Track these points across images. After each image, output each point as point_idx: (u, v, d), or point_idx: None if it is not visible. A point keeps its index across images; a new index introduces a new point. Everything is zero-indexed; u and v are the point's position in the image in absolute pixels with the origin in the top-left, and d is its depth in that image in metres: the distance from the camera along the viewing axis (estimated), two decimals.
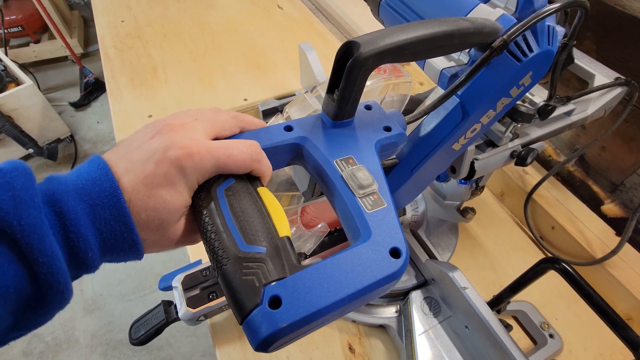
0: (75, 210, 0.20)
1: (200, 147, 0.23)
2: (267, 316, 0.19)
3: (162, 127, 0.23)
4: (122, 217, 0.21)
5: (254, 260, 0.21)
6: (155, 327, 0.50)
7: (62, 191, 0.20)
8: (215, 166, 0.23)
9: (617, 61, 0.54)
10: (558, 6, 0.29)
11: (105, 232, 0.21)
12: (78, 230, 0.20)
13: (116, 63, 0.85)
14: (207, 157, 0.23)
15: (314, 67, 0.63)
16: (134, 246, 0.22)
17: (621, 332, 0.32)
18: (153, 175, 0.22)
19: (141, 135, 0.24)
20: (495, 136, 0.43)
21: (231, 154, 0.24)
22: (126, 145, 0.24)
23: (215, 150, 0.23)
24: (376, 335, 0.51)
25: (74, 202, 0.20)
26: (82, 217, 0.20)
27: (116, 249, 0.22)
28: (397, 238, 0.22)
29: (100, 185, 0.21)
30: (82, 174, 0.21)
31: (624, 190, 0.61)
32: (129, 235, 0.21)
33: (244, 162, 0.24)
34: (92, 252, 0.20)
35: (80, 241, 0.20)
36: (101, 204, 0.21)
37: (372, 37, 0.25)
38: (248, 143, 0.25)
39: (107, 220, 0.21)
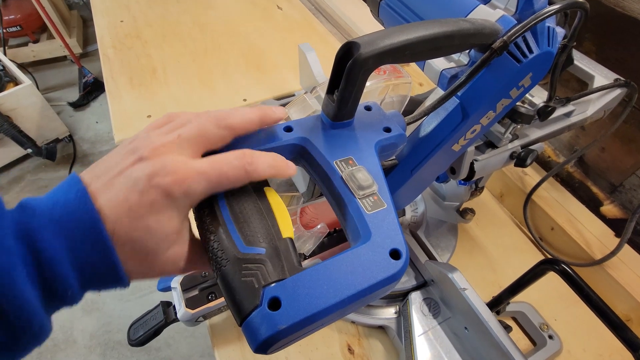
0: (52, 247, 0.18)
1: (187, 171, 0.21)
2: (267, 318, 0.19)
3: (144, 152, 0.21)
4: (105, 251, 0.19)
5: (253, 262, 0.21)
6: (154, 328, 0.49)
7: (37, 225, 0.18)
8: (208, 188, 0.22)
9: (617, 62, 0.54)
10: (558, 7, 0.29)
11: (87, 268, 0.19)
12: (55, 270, 0.18)
13: (115, 63, 0.85)
14: (196, 180, 0.21)
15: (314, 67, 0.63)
16: (119, 280, 0.20)
17: (620, 333, 0.32)
18: (138, 205, 0.20)
19: (121, 159, 0.22)
20: (495, 137, 0.43)
21: (221, 172, 0.22)
22: (106, 169, 0.21)
23: (203, 171, 0.21)
24: (375, 336, 0.51)
25: (50, 238, 0.18)
26: (59, 254, 0.18)
27: (99, 283, 0.20)
28: (397, 239, 0.22)
29: (80, 218, 0.19)
30: (59, 202, 0.20)
31: (623, 191, 0.61)
32: (112, 271, 0.20)
33: (238, 177, 0.22)
34: (72, 289, 0.19)
35: (58, 281, 0.18)
36: (81, 239, 0.19)
37: (372, 38, 0.25)
38: (238, 154, 0.23)
39: (88, 256, 0.19)
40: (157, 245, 0.21)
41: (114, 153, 0.22)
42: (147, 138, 0.22)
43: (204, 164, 0.22)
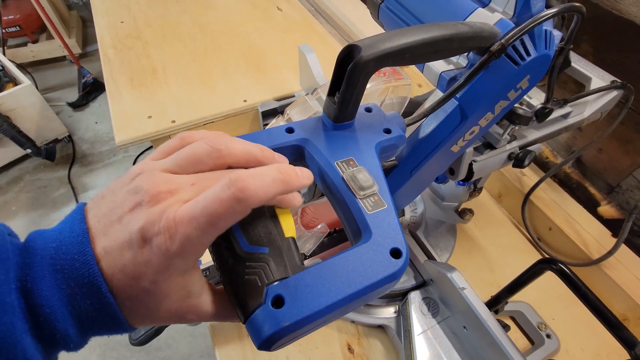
0: (50, 302, 0.18)
1: (178, 225, 0.18)
2: (270, 315, 0.19)
3: (143, 197, 0.19)
4: (104, 306, 0.19)
5: (257, 260, 0.21)
6: (154, 328, 0.50)
7: (37, 275, 0.18)
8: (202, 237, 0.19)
9: (614, 64, 0.55)
10: (555, 11, 0.29)
11: (86, 319, 0.19)
12: (53, 325, 0.18)
13: (115, 64, 0.85)
14: (187, 232, 0.18)
15: (314, 68, 0.63)
16: (122, 329, 0.20)
17: (617, 332, 0.32)
18: (133, 264, 0.19)
19: (123, 199, 0.20)
20: (493, 138, 0.44)
21: (210, 213, 0.18)
22: (108, 209, 0.20)
23: (193, 219, 0.18)
24: (375, 335, 0.52)
25: (48, 292, 0.18)
26: (58, 309, 0.18)
27: (102, 331, 0.20)
28: (397, 239, 0.23)
29: (79, 270, 0.18)
30: (63, 243, 0.19)
31: (620, 192, 0.61)
32: (114, 322, 0.19)
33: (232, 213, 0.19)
34: (72, 340, 0.19)
35: (57, 334, 0.18)
36: (80, 292, 0.18)
37: (373, 41, 0.25)
38: (224, 183, 0.19)
39: (87, 308, 0.18)
40: (157, 304, 0.20)
41: (119, 186, 0.21)
42: (151, 177, 0.20)
43: (190, 208, 0.19)
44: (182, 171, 0.21)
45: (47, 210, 1.64)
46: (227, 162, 0.22)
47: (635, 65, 0.52)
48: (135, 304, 0.19)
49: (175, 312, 0.21)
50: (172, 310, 0.20)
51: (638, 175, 0.58)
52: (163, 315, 0.20)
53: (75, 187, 1.73)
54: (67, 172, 1.78)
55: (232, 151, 0.22)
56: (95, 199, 0.21)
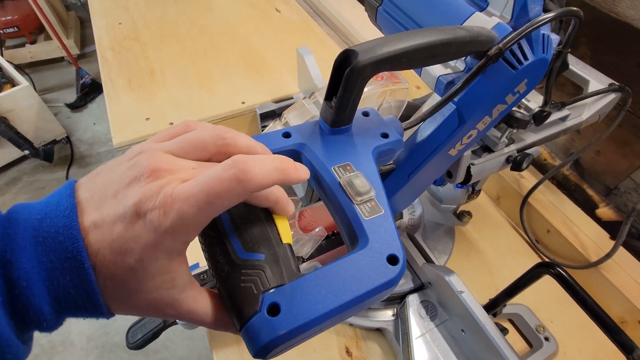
0: (28, 276, 0.17)
1: (174, 200, 0.18)
2: (266, 323, 0.19)
3: (143, 171, 0.19)
4: (84, 285, 0.18)
5: (253, 268, 0.21)
6: (152, 331, 0.50)
7: (18, 247, 0.17)
8: (200, 216, 0.18)
9: (611, 67, 0.55)
10: (552, 15, 0.29)
11: (64, 298, 0.18)
12: (29, 301, 0.17)
13: (114, 65, 0.85)
14: (183, 208, 0.18)
15: (312, 70, 0.63)
16: (99, 313, 0.19)
17: (614, 335, 0.32)
18: (122, 238, 0.18)
19: (120, 175, 0.20)
20: (491, 142, 0.44)
21: (210, 191, 0.18)
22: (103, 184, 0.20)
23: (192, 195, 0.18)
24: (373, 338, 0.52)
25: (27, 265, 0.17)
26: (35, 284, 0.17)
27: (77, 313, 0.19)
28: (394, 245, 0.23)
29: (62, 243, 0.18)
30: (48, 215, 0.18)
31: (618, 194, 0.61)
32: (92, 304, 0.18)
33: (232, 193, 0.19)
34: (47, 320, 0.18)
35: (31, 312, 0.17)
36: (61, 267, 0.17)
37: (370, 46, 0.25)
38: (227, 163, 0.19)
39: (66, 286, 0.18)
40: (138, 286, 0.19)
41: (117, 164, 0.21)
42: (152, 156, 0.20)
43: (190, 185, 0.18)
44: (184, 155, 0.21)
45: None
46: (230, 151, 0.22)
47: (632, 68, 0.52)
48: (116, 284, 0.19)
49: (154, 301, 0.20)
50: (151, 298, 0.20)
51: (636, 178, 0.58)
52: (142, 301, 0.20)
53: None
54: (65, 173, 1.77)
55: (236, 142, 0.22)
56: (89, 176, 0.21)
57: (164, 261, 0.19)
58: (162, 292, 0.20)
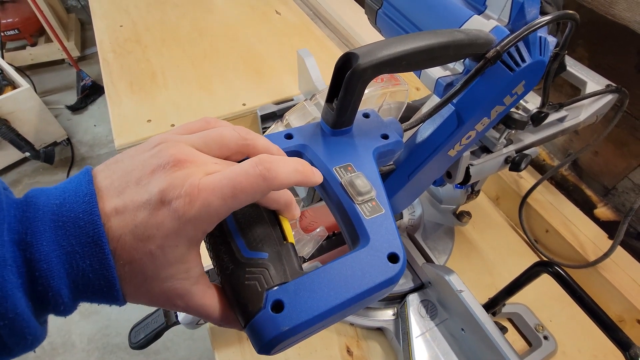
0: (49, 258, 0.17)
1: (201, 190, 0.19)
2: (270, 320, 0.20)
3: (168, 160, 0.19)
4: (103, 269, 0.18)
5: (257, 266, 0.21)
6: (154, 331, 0.50)
7: (38, 230, 0.17)
8: (223, 206, 0.19)
9: (609, 68, 0.55)
10: (549, 19, 0.30)
11: (82, 282, 0.18)
12: (49, 283, 0.17)
13: (115, 68, 0.86)
14: (209, 199, 0.19)
15: (312, 72, 0.64)
16: (114, 299, 0.19)
17: (612, 333, 0.33)
18: (145, 225, 0.18)
19: (143, 163, 0.20)
20: (489, 142, 0.44)
21: (236, 184, 0.19)
22: (125, 172, 0.20)
23: (215, 186, 0.19)
24: (374, 338, 0.52)
25: (47, 248, 0.17)
26: (55, 267, 0.17)
27: (93, 297, 0.19)
28: (394, 243, 0.23)
29: (83, 228, 0.18)
30: (67, 201, 0.18)
31: (616, 194, 0.62)
32: (109, 289, 0.19)
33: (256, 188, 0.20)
34: (64, 303, 0.18)
35: (50, 294, 0.18)
36: (81, 251, 0.18)
37: (370, 49, 0.26)
38: (254, 161, 0.20)
39: (85, 270, 0.18)
40: (155, 272, 0.19)
41: (139, 152, 0.21)
42: (176, 145, 0.20)
43: (217, 178, 0.19)
44: (207, 150, 0.22)
45: None
46: (250, 152, 0.23)
47: (629, 70, 0.53)
48: (134, 269, 0.19)
49: (168, 290, 0.20)
50: (165, 287, 0.20)
51: (633, 178, 0.58)
52: (156, 289, 0.20)
53: None
54: (65, 175, 1.78)
55: (256, 143, 0.23)
56: (107, 163, 0.21)
57: (183, 249, 0.20)
58: (176, 282, 0.20)
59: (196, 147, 0.21)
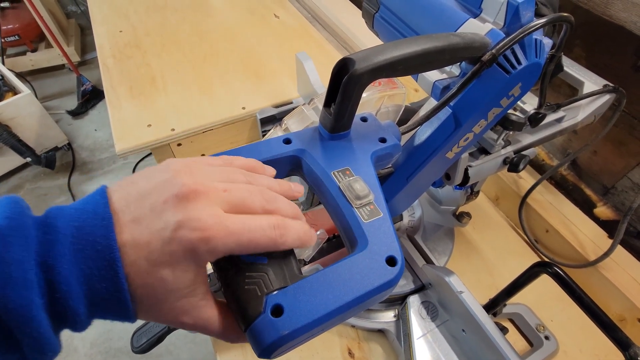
0: (68, 281, 0.18)
1: (218, 230, 0.20)
2: (270, 324, 0.20)
3: (185, 191, 0.20)
4: (118, 293, 0.19)
5: (256, 270, 0.22)
6: (157, 335, 0.50)
7: (58, 253, 0.18)
8: (234, 249, 0.21)
9: (606, 68, 0.56)
10: (544, 21, 0.30)
11: (97, 302, 0.19)
12: (68, 303, 0.18)
13: (115, 73, 0.86)
14: (225, 241, 0.20)
15: (311, 76, 0.64)
16: (126, 317, 0.21)
17: (611, 333, 0.33)
18: (158, 252, 0.19)
19: (159, 189, 0.21)
20: (487, 144, 0.44)
21: (252, 238, 0.21)
22: (140, 196, 0.21)
23: (236, 234, 0.20)
24: (375, 339, 0.52)
25: (67, 271, 0.18)
26: (74, 288, 0.18)
27: (107, 315, 0.20)
28: (392, 247, 0.23)
29: (100, 253, 0.19)
30: (86, 223, 0.19)
31: (615, 193, 0.62)
32: (122, 309, 0.20)
33: (266, 247, 0.22)
34: (81, 321, 0.19)
35: (69, 313, 0.19)
36: (98, 275, 0.19)
37: (367, 54, 0.26)
38: (273, 223, 0.22)
39: (101, 291, 0.19)
40: (165, 295, 0.20)
41: (154, 174, 0.22)
42: (193, 175, 0.21)
43: (237, 224, 0.21)
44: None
45: None
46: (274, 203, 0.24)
47: (626, 69, 0.53)
48: (146, 292, 0.20)
49: (176, 309, 0.21)
50: (174, 306, 0.21)
51: (632, 177, 0.59)
52: (165, 309, 0.21)
53: (75, 194, 1.73)
54: (67, 180, 1.78)
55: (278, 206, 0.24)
56: (122, 183, 0.22)
57: (192, 274, 0.21)
58: (184, 300, 0.21)
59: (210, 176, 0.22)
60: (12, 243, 0.18)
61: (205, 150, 0.78)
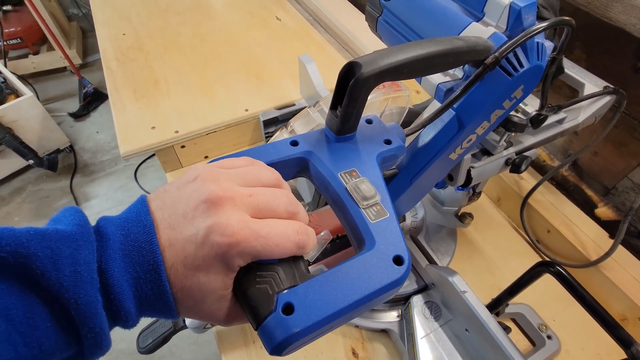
0: (120, 283, 0.20)
1: (246, 234, 0.21)
2: (281, 322, 0.20)
3: (212, 197, 0.21)
4: (162, 293, 0.21)
5: (267, 270, 0.22)
6: (162, 336, 0.51)
7: (110, 258, 0.20)
8: (261, 253, 0.22)
9: (606, 69, 0.56)
10: (546, 25, 0.30)
11: (145, 302, 0.21)
12: (121, 304, 0.20)
13: (118, 75, 0.87)
14: (253, 244, 0.21)
15: (314, 78, 0.65)
16: (171, 315, 0.22)
17: (613, 331, 0.33)
18: (192, 257, 0.21)
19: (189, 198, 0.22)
20: (490, 145, 0.45)
21: (278, 244, 0.22)
22: (173, 204, 0.22)
23: (263, 238, 0.22)
24: (379, 339, 0.53)
25: (119, 275, 0.20)
26: (125, 290, 0.20)
27: (154, 314, 0.22)
28: (399, 246, 0.24)
29: (145, 257, 0.21)
30: (131, 231, 0.21)
31: (616, 193, 0.62)
32: (166, 308, 0.22)
33: (289, 252, 0.23)
34: (132, 318, 0.21)
35: (121, 312, 0.20)
36: (144, 278, 0.21)
37: (373, 58, 0.27)
38: (299, 230, 0.23)
39: (147, 292, 0.21)
40: (203, 297, 0.22)
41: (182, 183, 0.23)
42: (219, 181, 0.23)
43: (265, 230, 0.22)
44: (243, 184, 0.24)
45: None
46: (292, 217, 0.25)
47: (626, 71, 0.54)
48: (185, 294, 0.22)
49: (215, 309, 0.23)
50: (213, 306, 0.23)
51: (633, 177, 0.59)
52: (205, 310, 0.23)
53: (77, 196, 1.74)
54: (69, 182, 1.79)
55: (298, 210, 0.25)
56: (157, 192, 0.23)
57: (224, 278, 0.22)
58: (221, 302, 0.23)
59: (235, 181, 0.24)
60: (82, 247, 0.20)
61: (209, 152, 0.79)
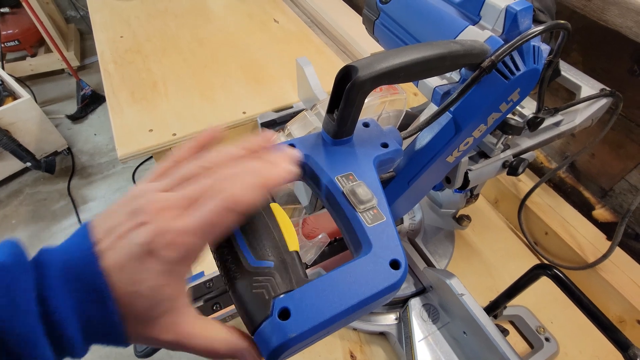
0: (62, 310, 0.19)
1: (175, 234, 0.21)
2: (277, 327, 0.20)
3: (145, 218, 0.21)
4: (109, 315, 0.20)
5: (263, 275, 0.22)
6: None
7: (50, 285, 0.20)
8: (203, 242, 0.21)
9: (602, 72, 0.57)
10: (542, 28, 0.31)
11: (90, 328, 0.20)
12: (64, 331, 0.20)
13: (116, 78, 0.87)
14: (186, 241, 0.21)
15: (311, 81, 0.65)
16: (119, 341, 0.22)
17: (611, 334, 0.33)
18: (133, 271, 0.21)
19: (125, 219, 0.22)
20: (487, 148, 0.45)
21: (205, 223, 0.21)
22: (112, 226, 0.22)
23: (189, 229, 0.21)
24: (377, 342, 0.52)
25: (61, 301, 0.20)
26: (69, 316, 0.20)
27: (101, 341, 0.21)
28: (396, 250, 0.24)
29: (87, 280, 0.20)
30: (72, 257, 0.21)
31: (613, 195, 0.63)
32: (114, 332, 0.21)
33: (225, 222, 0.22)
34: (77, 347, 0.20)
35: (65, 340, 0.20)
36: (88, 302, 0.20)
37: (369, 61, 0.27)
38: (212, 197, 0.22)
39: (92, 317, 0.20)
40: (148, 311, 0.21)
41: (120, 206, 0.23)
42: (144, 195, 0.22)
43: (191, 221, 0.21)
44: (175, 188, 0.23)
45: (47, 222, 1.64)
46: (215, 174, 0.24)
47: (623, 73, 0.54)
48: (132, 312, 0.21)
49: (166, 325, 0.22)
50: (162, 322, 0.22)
51: (630, 179, 0.59)
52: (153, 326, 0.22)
53: (75, 199, 1.73)
54: (66, 185, 1.78)
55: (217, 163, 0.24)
56: (98, 218, 0.23)
57: (171, 288, 0.22)
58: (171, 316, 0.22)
59: (165, 189, 0.23)
60: (18, 277, 0.19)
61: None
